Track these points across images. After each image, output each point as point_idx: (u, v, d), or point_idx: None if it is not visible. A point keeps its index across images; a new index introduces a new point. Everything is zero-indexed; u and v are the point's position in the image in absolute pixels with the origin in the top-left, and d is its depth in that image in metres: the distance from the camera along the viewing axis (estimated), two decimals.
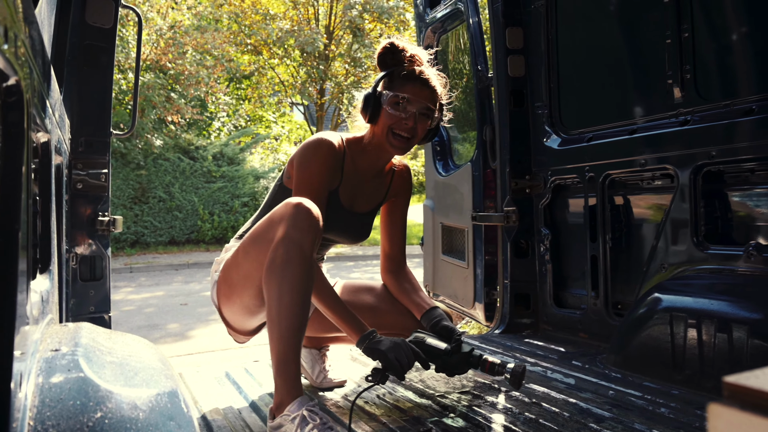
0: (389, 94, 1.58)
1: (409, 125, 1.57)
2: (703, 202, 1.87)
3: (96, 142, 2.20)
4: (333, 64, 14.72)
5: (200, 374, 2.06)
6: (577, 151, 2.37)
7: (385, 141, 1.60)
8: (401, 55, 1.61)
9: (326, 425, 1.30)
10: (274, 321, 1.37)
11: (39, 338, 0.95)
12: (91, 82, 2.24)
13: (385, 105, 1.58)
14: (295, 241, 1.36)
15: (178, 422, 0.82)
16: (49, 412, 0.74)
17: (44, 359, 0.85)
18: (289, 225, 1.38)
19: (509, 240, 2.60)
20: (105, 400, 0.77)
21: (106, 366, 0.87)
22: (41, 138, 1.22)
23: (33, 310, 0.91)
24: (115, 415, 0.76)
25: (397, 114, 1.57)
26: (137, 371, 0.90)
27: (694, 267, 1.88)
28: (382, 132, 1.59)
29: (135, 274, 9.17)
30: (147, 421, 0.79)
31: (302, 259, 1.36)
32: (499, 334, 2.58)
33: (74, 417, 0.74)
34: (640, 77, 2.21)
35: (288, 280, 1.35)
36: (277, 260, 1.37)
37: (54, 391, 0.77)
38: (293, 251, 1.36)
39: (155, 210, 11.21)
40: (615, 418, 1.53)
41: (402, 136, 1.59)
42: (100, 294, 2.09)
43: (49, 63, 1.22)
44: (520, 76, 2.58)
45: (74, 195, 2.09)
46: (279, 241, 1.38)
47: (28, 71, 0.78)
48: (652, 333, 1.83)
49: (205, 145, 12.05)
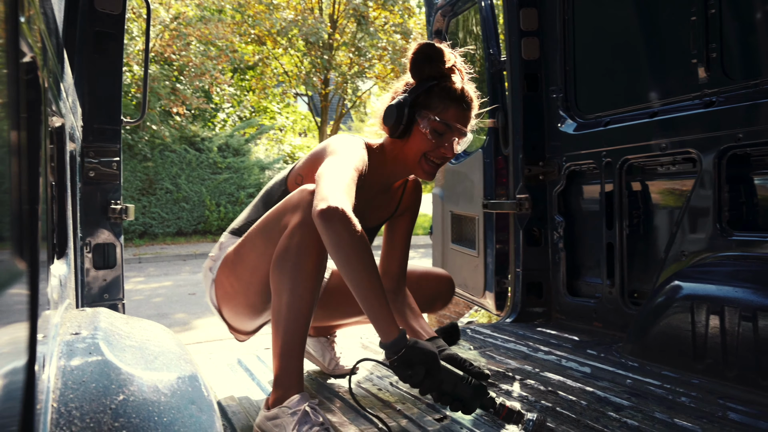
0: (431, 118, 1.39)
1: (447, 155, 1.42)
2: (728, 187, 1.82)
3: (107, 130, 2.18)
4: (337, 54, 14.64)
5: (213, 361, 2.05)
6: (593, 136, 2.33)
7: (416, 165, 1.44)
8: (441, 65, 1.41)
9: (325, 427, 1.24)
10: (282, 312, 1.29)
11: (59, 322, 0.94)
12: (101, 69, 2.22)
13: (423, 128, 1.40)
14: (313, 230, 1.24)
15: (199, 406, 0.82)
16: (71, 394, 0.73)
17: (65, 342, 0.84)
18: (304, 214, 1.27)
19: (522, 228, 2.58)
20: (127, 382, 0.77)
21: (126, 350, 0.86)
22: (56, 122, 1.20)
23: (53, 293, 0.90)
24: (138, 398, 0.75)
25: (437, 142, 1.40)
26: (157, 355, 0.89)
27: (717, 254, 1.84)
28: (415, 156, 1.43)
29: (143, 264, 9.21)
30: (169, 404, 0.78)
31: (320, 248, 1.27)
32: (511, 323, 2.56)
33: (97, 399, 0.73)
34: (662, 58, 2.16)
35: (303, 269, 1.27)
36: (292, 248, 1.28)
37: (76, 374, 0.76)
38: (310, 239, 1.26)
39: (162, 201, 11.25)
40: (634, 407, 1.51)
41: (436, 163, 1.44)
42: (114, 281, 2.08)
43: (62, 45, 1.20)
44: (534, 59, 2.53)
45: (86, 183, 2.08)
46: (295, 227, 1.28)
47: (42, 49, 0.76)
48: (672, 321, 1.81)
49: (210, 137, 12.07)
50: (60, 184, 1.22)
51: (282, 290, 1.29)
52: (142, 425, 0.73)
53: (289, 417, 1.25)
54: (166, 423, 0.75)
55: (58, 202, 1.19)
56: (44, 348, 0.73)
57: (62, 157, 1.23)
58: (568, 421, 1.44)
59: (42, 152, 0.71)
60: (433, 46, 1.42)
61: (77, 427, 0.70)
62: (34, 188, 0.68)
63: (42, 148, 0.72)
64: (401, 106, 1.41)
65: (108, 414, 0.72)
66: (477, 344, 2.21)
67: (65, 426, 0.70)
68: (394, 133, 1.43)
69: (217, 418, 0.81)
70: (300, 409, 1.25)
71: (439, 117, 1.40)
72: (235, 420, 1.49)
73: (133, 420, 0.73)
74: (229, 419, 1.49)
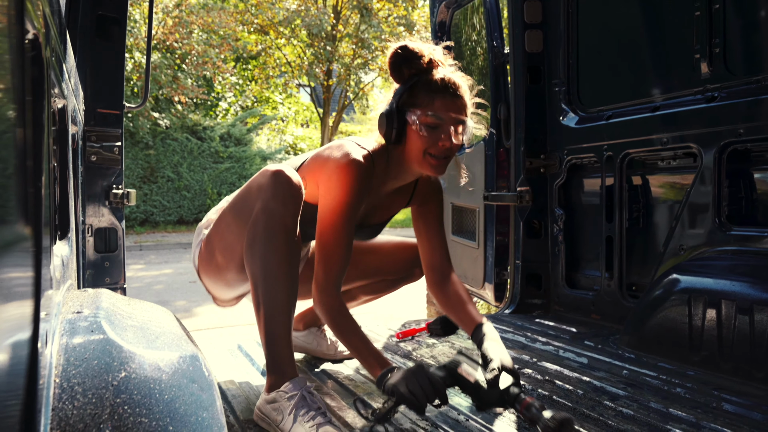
0: (418, 114, 1.36)
1: (447, 146, 1.37)
2: (727, 182, 1.83)
3: (109, 115, 2.19)
4: (340, 45, 14.59)
5: (213, 346, 2.07)
6: (595, 129, 2.33)
7: (423, 164, 1.40)
8: (418, 62, 1.38)
9: (322, 411, 1.26)
10: (260, 300, 1.30)
11: (61, 301, 0.95)
12: (104, 54, 2.21)
13: (414, 126, 1.37)
14: (275, 215, 1.29)
15: (200, 385, 0.82)
16: (74, 370, 0.74)
17: (67, 320, 0.85)
18: (269, 196, 1.30)
19: (522, 220, 2.58)
20: (128, 360, 0.77)
21: (128, 329, 0.87)
22: (58, 103, 1.20)
23: (55, 273, 0.91)
24: (139, 375, 0.76)
25: (432, 136, 1.36)
26: (158, 335, 0.90)
27: (715, 248, 1.85)
28: (417, 155, 1.39)
29: (144, 252, 9.23)
30: (170, 382, 0.79)
31: (285, 232, 1.29)
32: (509, 314, 2.57)
33: (99, 376, 0.74)
34: (665, 52, 2.15)
35: (272, 256, 1.28)
36: (258, 236, 1.30)
37: (78, 351, 0.77)
38: (274, 225, 1.29)
39: (164, 189, 11.26)
40: (630, 397, 1.53)
41: (440, 157, 1.39)
42: (115, 265, 2.09)
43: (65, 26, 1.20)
44: (537, 52, 2.53)
45: (88, 167, 2.09)
46: (258, 214, 1.30)
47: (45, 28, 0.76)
48: (669, 314, 1.82)
49: (212, 126, 12.05)
50: (62, 166, 1.22)
51: (257, 278, 1.31)
52: (143, 402, 0.74)
53: (287, 401, 1.27)
54: (167, 400, 0.76)
55: (60, 183, 1.20)
56: (46, 325, 0.74)
57: (64, 138, 1.24)
58: (565, 410, 1.45)
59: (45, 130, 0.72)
60: (406, 46, 1.39)
61: (79, 402, 0.71)
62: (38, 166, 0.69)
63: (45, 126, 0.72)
64: (389, 111, 1.40)
65: (110, 390, 0.73)
66: None
67: (68, 401, 0.71)
68: (389, 139, 1.41)
69: (218, 398, 0.82)
70: (296, 393, 1.27)
71: (425, 111, 1.36)
72: (235, 403, 1.50)
73: (134, 396, 0.74)
74: (229, 402, 1.51)
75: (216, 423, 0.79)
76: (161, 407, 0.75)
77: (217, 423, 0.79)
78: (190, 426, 0.76)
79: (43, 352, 0.69)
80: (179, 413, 0.76)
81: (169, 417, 0.74)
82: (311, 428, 1.21)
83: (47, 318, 0.76)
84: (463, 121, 1.39)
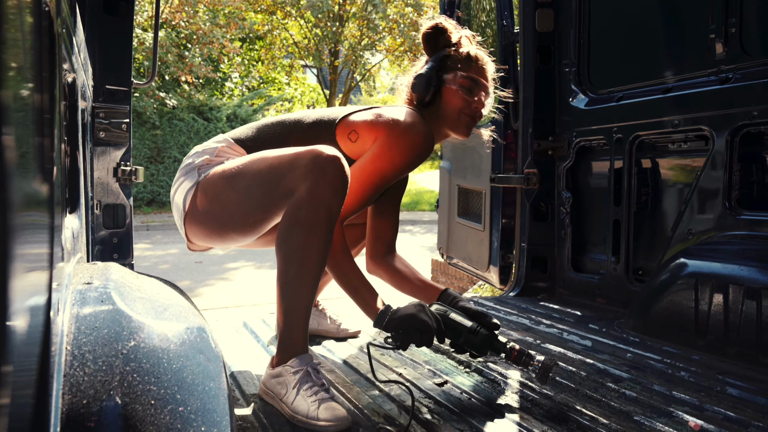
0: (459, 75, 1.52)
1: (481, 107, 1.55)
2: (739, 166, 1.81)
3: (118, 92, 2.18)
4: (347, 26, 14.45)
5: (219, 324, 2.09)
6: (604, 111, 2.31)
7: (456, 123, 1.54)
8: (451, 37, 1.57)
9: (325, 388, 1.28)
10: (288, 281, 1.29)
11: (71, 272, 0.96)
12: (112, 30, 2.20)
13: (453, 86, 1.52)
14: (323, 204, 1.25)
15: (207, 356, 0.83)
16: (84, 338, 0.75)
17: (78, 291, 0.86)
18: (318, 182, 1.24)
19: (528, 203, 2.58)
20: (138, 330, 0.78)
21: (137, 300, 0.88)
22: (68, 77, 1.20)
23: (66, 244, 0.92)
24: (148, 345, 0.77)
25: (468, 98, 1.52)
26: (166, 307, 0.91)
27: (724, 233, 1.84)
28: (452, 114, 1.53)
29: (151, 231, 9.29)
30: (177, 352, 0.80)
31: (330, 222, 1.27)
32: (514, 297, 2.58)
33: (109, 344, 0.75)
34: (678, 32, 2.12)
35: (312, 245, 1.26)
36: (300, 221, 1.25)
37: (89, 320, 0.78)
38: (321, 214, 1.25)
39: (171, 170, 11.29)
40: (633, 379, 1.53)
41: (474, 117, 1.55)
42: (123, 242, 2.11)
43: None
44: (548, 32, 2.50)
45: (97, 144, 2.09)
46: (303, 197, 1.25)
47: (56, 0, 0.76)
48: (676, 298, 1.81)
49: (218, 106, 12.02)
50: (72, 140, 1.22)
51: (290, 261, 1.28)
52: (152, 370, 0.75)
53: (292, 376, 1.28)
54: (175, 369, 0.77)
55: (69, 158, 1.20)
56: (57, 295, 0.75)
57: (74, 113, 1.24)
58: (567, 390, 1.46)
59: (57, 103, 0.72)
60: (442, 22, 1.57)
61: (90, 369, 0.72)
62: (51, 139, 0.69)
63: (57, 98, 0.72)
64: (429, 71, 1.53)
65: (119, 358, 0.74)
66: None
67: (78, 367, 0.72)
68: (424, 98, 1.52)
69: (224, 369, 0.83)
70: (302, 369, 1.28)
71: (465, 74, 1.52)
72: (240, 378, 1.52)
73: (143, 365, 0.75)
74: (234, 377, 1.53)
75: (222, 393, 0.80)
76: (169, 376, 0.76)
77: (223, 393, 0.80)
78: (197, 395, 0.77)
79: (54, 320, 0.70)
80: (187, 382, 0.77)
81: (177, 386, 0.75)
82: (313, 403, 1.23)
83: (58, 288, 0.77)
84: (489, 91, 1.57)
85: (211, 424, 0.77)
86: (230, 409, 0.79)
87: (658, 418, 1.28)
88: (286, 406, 1.27)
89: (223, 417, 0.79)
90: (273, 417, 1.28)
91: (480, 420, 1.27)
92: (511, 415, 1.31)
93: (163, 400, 0.74)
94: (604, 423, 1.27)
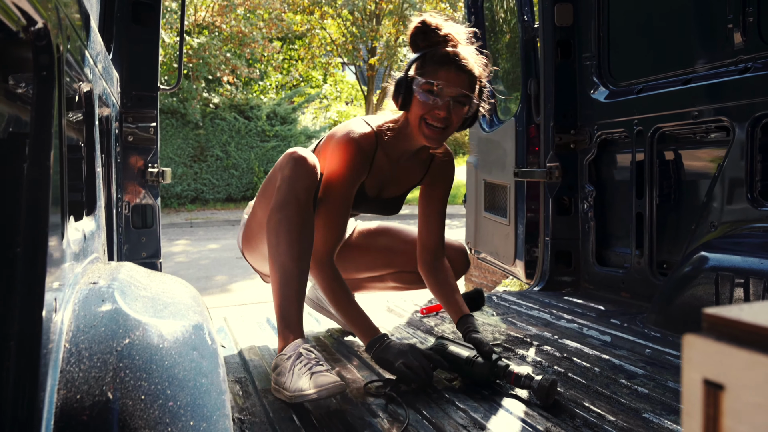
0: (420, 81, 1.42)
1: (441, 115, 1.42)
2: (760, 156, 1.75)
3: (145, 97, 2.28)
4: (384, 23, 14.45)
5: (243, 319, 2.16)
6: (625, 103, 2.26)
7: (418, 131, 1.47)
8: (435, 35, 1.45)
9: (318, 361, 1.33)
10: (273, 265, 1.42)
11: (80, 272, 1.02)
12: (139, 38, 2.30)
13: (416, 92, 1.43)
14: (290, 187, 1.41)
15: (201, 353, 0.87)
16: (82, 336, 0.80)
17: (82, 291, 0.91)
18: (286, 174, 1.43)
19: (551, 197, 2.54)
20: (134, 328, 0.83)
21: (139, 299, 0.92)
22: (84, 87, 1.27)
23: (72, 246, 0.97)
24: (142, 342, 0.81)
25: (429, 103, 1.42)
26: (167, 305, 0.95)
27: (747, 225, 1.78)
28: (415, 122, 1.46)
29: (195, 228, 9.59)
30: (170, 349, 0.83)
31: (297, 203, 1.40)
32: (539, 291, 2.55)
33: (105, 341, 0.80)
34: (697, 23, 2.05)
35: (284, 223, 1.40)
36: (273, 208, 1.43)
37: (88, 318, 0.83)
38: (288, 195, 1.41)
39: (213, 168, 11.60)
40: (648, 376, 1.50)
41: (435, 126, 1.44)
42: (151, 241, 2.21)
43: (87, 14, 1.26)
44: (567, 26, 2.45)
45: (125, 147, 2.19)
46: (277, 188, 1.44)
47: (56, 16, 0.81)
48: (697, 292, 1.77)
49: (259, 105, 12.26)
50: (89, 146, 1.30)
51: (271, 246, 1.43)
52: (144, 366, 0.79)
53: (287, 362, 1.35)
54: (166, 366, 0.81)
55: (86, 163, 1.27)
56: (59, 294, 0.80)
57: (91, 119, 1.31)
58: (578, 386, 1.45)
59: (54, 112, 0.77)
60: (425, 20, 1.47)
61: (85, 365, 0.77)
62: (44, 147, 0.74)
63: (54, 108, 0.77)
64: (400, 78, 1.48)
65: (114, 355, 0.79)
66: (501, 311, 2.23)
67: (75, 363, 0.77)
68: (396, 104, 1.50)
69: (221, 365, 0.87)
70: (294, 352, 1.35)
71: (426, 79, 1.43)
72: (255, 373, 1.58)
73: (136, 362, 0.79)
74: (249, 372, 1.59)
75: (215, 389, 0.84)
76: (161, 372, 0.80)
77: (217, 389, 0.84)
78: (188, 390, 0.81)
79: (52, 318, 0.75)
80: (178, 378, 0.81)
81: (167, 381, 0.79)
82: (305, 375, 1.28)
83: (60, 288, 0.82)
84: (465, 96, 1.44)
85: (200, 418, 0.80)
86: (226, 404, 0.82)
87: (668, 416, 1.26)
88: (286, 392, 1.31)
89: (214, 412, 0.83)
90: (280, 412, 1.32)
91: (484, 414, 1.28)
92: (515, 410, 1.31)
93: (153, 395, 0.77)
94: (610, 420, 1.25)
